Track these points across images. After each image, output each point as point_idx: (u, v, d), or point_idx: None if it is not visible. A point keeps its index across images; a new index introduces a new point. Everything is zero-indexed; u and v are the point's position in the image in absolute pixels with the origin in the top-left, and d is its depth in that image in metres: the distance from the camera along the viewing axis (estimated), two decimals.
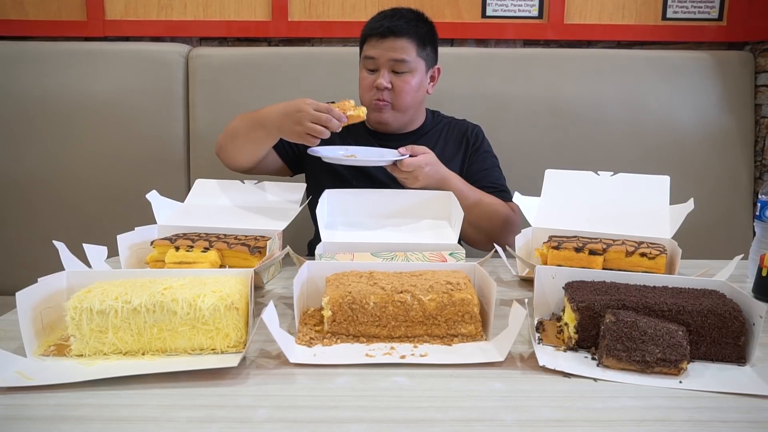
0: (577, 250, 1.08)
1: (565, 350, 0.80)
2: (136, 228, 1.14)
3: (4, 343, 0.79)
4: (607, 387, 0.70)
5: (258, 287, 1.07)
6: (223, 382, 0.70)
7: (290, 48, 1.98)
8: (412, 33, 1.41)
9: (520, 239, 1.20)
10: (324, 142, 1.27)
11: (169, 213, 1.26)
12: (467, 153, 1.53)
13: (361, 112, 1.29)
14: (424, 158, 1.27)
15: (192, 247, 1.08)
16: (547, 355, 0.78)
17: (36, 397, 0.66)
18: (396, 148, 1.45)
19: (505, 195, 1.46)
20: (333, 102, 1.28)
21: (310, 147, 1.28)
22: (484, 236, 1.40)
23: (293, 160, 1.53)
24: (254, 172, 1.46)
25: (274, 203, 1.30)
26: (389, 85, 1.41)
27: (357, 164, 1.32)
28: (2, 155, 1.88)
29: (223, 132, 1.46)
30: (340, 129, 1.25)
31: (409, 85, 1.42)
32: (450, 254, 1.08)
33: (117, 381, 0.69)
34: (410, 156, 1.27)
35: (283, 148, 1.47)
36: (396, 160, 1.26)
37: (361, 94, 1.48)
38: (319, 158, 1.31)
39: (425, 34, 1.44)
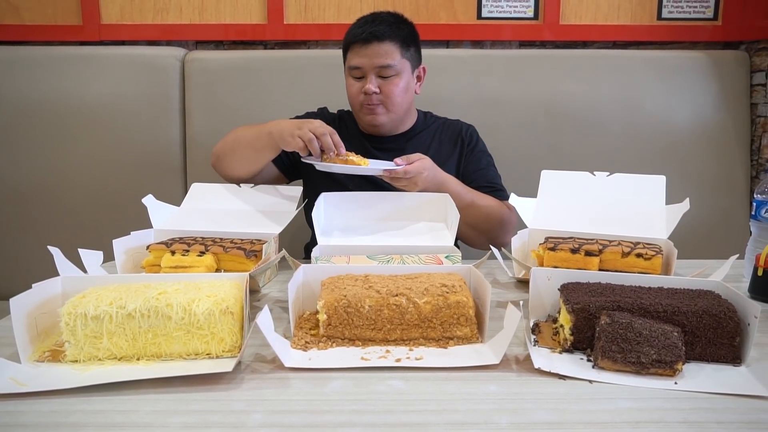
0: (573, 251, 1.08)
1: (560, 352, 0.80)
2: (132, 232, 1.14)
3: None
4: (603, 389, 0.70)
5: (254, 291, 1.07)
6: (218, 387, 0.70)
7: (286, 51, 1.98)
8: (394, 36, 1.41)
9: (516, 241, 1.20)
10: None
11: (165, 217, 1.26)
12: (462, 153, 1.54)
13: (363, 162, 1.27)
14: (420, 164, 1.26)
15: (188, 251, 1.07)
16: (543, 357, 0.77)
17: (30, 404, 0.66)
18: (389, 149, 1.45)
19: (502, 194, 1.47)
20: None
21: (303, 156, 1.28)
22: (482, 236, 1.41)
23: (289, 167, 1.52)
24: (251, 182, 1.46)
25: (270, 207, 1.30)
26: (377, 90, 1.41)
27: (351, 172, 1.29)
28: None
29: (219, 143, 1.45)
30: (332, 153, 1.24)
31: (398, 87, 1.43)
32: (446, 257, 1.08)
33: (111, 387, 0.69)
34: (406, 165, 1.26)
35: (279, 157, 1.47)
36: (388, 169, 1.24)
37: (351, 102, 1.49)
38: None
39: (407, 36, 1.45)
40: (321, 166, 1.26)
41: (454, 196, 1.26)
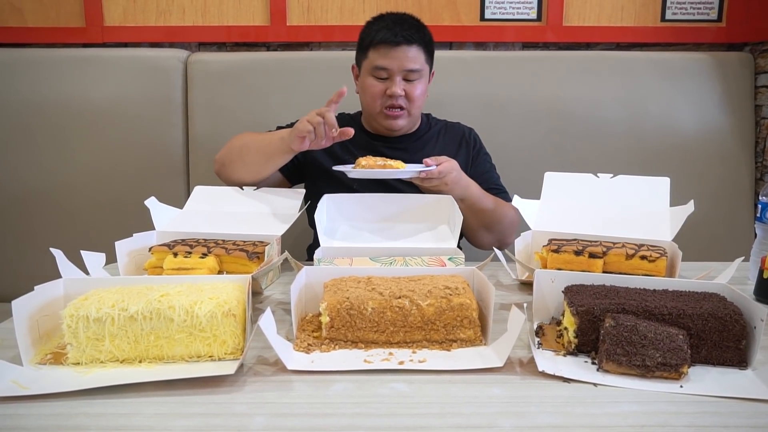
0: (577, 253, 1.07)
1: (564, 355, 0.80)
2: (134, 234, 1.14)
3: (1, 352, 0.78)
4: (608, 392, 0.70)
5: (256, 293, 1.07)
6: (220, 390, 0.70)
7: (289, 53, 1.98)
8: (420, 41, 1.42)
9: (520, 243, 1.19)
10: (324, 150, 1.28)
11: (167, 219, 1.26)
12: (469, 155, 1.55)
13: (401, 166, 1.25)
14: (449, 165, 1.27)
15: (190, 253, 1.07)
16: (547, 360, 0.77)
17: (31, 407, 0.66)
18: (396, 149, 1.45)
19: (505, 195, 1.49)
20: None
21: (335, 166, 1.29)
22: (494, 237, 1.43)
23: (292, 172, 1.52)
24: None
25: (273, 209, 1.30)
26: (403, 93, 1.42)
27: (385, 176, 1.28)
28: (0, 162, 1.88)
29: (224, 150, 1.44)
30: (334, 131, 1.24)
31: (420, 90, 1.44)
32: (449, 258, 1.08)
33: (113, 389, 0.69)
34: (436, 166, 1.26)
35: None
36: (424, 170, 1.23)
37: (369, 102, 1.47)
38: (319, 165, 1.31)
39: (429, 41, 1.46)
40: (355, 173, 1.24)
41: (475, 199, 1.30)
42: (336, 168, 1.29)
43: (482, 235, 1.43)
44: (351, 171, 1.24)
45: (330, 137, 1.25)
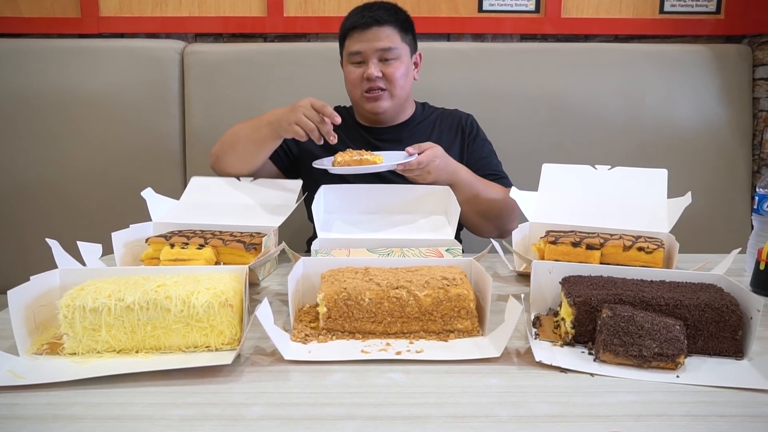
0: (575, 244, 1.07)
1: (561, 345, 0.80)
2: (131, 225, 1.14)
3: None
4: (604, 382, 0.70)
5: (254, 284, 1.07)
6: (217, 380, 0.70)
7: (286, 44, 1.97)
8: (393, 20, 1.42)
9: (517, 234, 1.19)
10: (316, 145, 1.27)
11: (164, 210, 1.25)
12: (465, 142, 1.54)
13: (377, 159, 1.23)
14: (431, 152, 1.25)
15: (187, 244, 1.07)
16: (544, 351, 0.77)
17: (27, 396, 0.66)
18: (388, 140, 1.44)
19: (505, 181, 1.48)
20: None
21: (314, 161, 1.28)
22: (490, 224, 1.42)
23: (288, 166, 1.51)
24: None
25: (270, 200, 1.30)
26: (380, 74, 1.41)
27: (365, 172, 1.25)
28: None
29: (217, 144, 1.44)
30: (332, 137, 1.24)
31: (399, 70, 1.42)
32: (446, 250, 1.08)
33: (109, 379, 0.69)
34: (418, 154, 1.25)
35: (277, 154, 1.46)
36: (401, 163, 1.22)
37: (351, 90, 1.47)
38: (314, 157, 1.30)
39: (405, 21, 1.45)
40: (334, 170, 1.23)
41: (465, 186, 1.28)
42: (315, 165, 1.28)
43: (479, 223, 1.42)
44: (331, 168, 1.23)
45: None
